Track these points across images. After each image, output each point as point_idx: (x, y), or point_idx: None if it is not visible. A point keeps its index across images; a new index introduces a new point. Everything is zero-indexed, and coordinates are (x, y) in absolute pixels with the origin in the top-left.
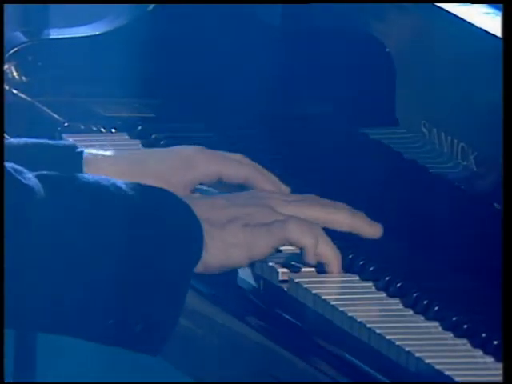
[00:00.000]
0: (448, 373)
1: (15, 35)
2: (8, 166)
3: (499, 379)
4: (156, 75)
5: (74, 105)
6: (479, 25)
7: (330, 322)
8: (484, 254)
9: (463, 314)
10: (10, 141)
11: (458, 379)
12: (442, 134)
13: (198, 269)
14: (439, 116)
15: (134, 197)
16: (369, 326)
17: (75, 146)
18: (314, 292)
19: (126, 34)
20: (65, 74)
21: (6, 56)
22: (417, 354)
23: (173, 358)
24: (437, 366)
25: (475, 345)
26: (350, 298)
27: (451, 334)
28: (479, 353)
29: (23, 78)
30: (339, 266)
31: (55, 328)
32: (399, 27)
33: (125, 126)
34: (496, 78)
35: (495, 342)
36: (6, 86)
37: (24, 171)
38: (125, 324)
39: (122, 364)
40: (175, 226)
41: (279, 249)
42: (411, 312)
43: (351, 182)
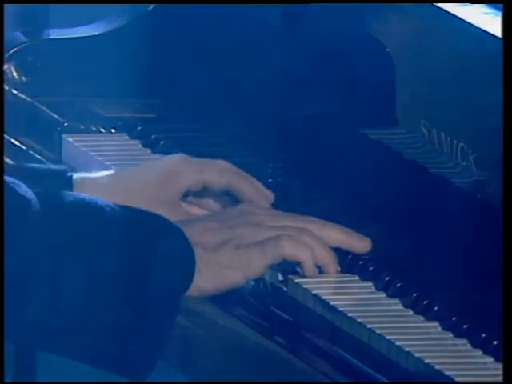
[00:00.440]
0: (448, 373)
1: (15, 35)
2: (8, 179)
3: (499, 379)
4: (156, 75)
5: (74, 105)
6: (479, 25)
7: (330, 323)
8: (484, 254)
9: (463, 314)
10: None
11: (457, 379)
12: (442, 134)
13: (193, 293)
14: (439, 116)
15: (126, 221)
16: (369, 326)
17: (66, 170)
18: (313, 292)
19: (126, 34)
20: (65, 74)
21: (5, 56)
22: (417, 354)
23: (173, 358)
24: (437, 366)
25: (475, 345)
26: (350, 298)
27: (451, 334)
28: (479, 353)
29: (23, 78)
30: (335, 266)
31: (41, 345)
32: (399, 27)
33: (125, 126)
34: (496, 78)
35: (495, 342)
36: (6, 86)
37: (22, 185)
38: (112, 348)
39: None
40: (166, 251)
41: None
42: (411, 312)
43: (351, 182)
